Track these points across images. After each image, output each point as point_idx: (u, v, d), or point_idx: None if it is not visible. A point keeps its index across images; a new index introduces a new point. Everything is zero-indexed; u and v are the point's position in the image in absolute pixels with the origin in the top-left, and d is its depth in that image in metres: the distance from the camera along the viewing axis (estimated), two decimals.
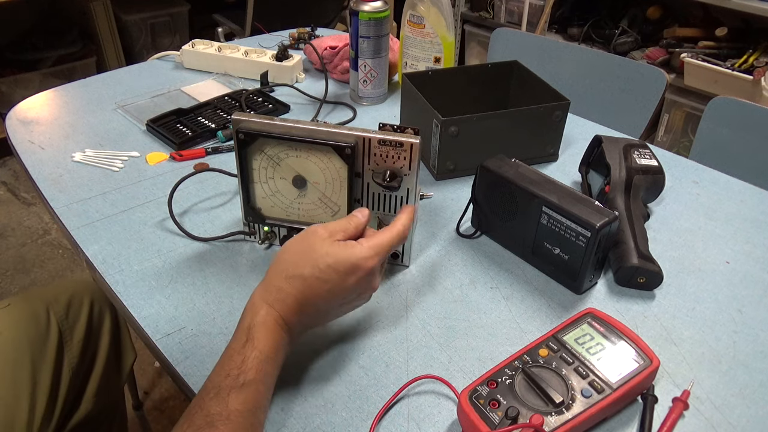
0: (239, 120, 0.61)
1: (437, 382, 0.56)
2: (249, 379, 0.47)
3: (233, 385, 0.46)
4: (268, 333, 0.49)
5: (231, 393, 0.45)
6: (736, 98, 1.07)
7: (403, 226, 0.57)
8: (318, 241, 0.52)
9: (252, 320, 0.50)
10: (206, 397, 0.46)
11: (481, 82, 0.96)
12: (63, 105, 1.02)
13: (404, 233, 0.57)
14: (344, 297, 0.53)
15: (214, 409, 0.45)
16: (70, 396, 0.79)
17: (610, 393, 0.50)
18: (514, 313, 0.63)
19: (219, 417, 0.44)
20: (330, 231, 0.54)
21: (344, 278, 0.51)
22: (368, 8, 0.95)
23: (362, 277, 0.52)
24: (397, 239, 0.56)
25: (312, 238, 0.53)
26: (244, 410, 0.45)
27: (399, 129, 0.61)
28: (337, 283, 0.51)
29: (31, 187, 0.93)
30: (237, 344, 0.49)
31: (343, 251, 0.52)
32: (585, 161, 0.85)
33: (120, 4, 2.49)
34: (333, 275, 0.51)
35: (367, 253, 0.52)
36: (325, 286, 0.51)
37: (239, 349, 0.48)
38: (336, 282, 0.51)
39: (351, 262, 0.51)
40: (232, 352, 0.48)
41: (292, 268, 0.52)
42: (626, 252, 0.66)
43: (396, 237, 0.56)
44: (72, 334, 0.82)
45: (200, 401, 0.46)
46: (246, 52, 1.14)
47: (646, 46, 2.23)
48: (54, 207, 0.76)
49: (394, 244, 0.55)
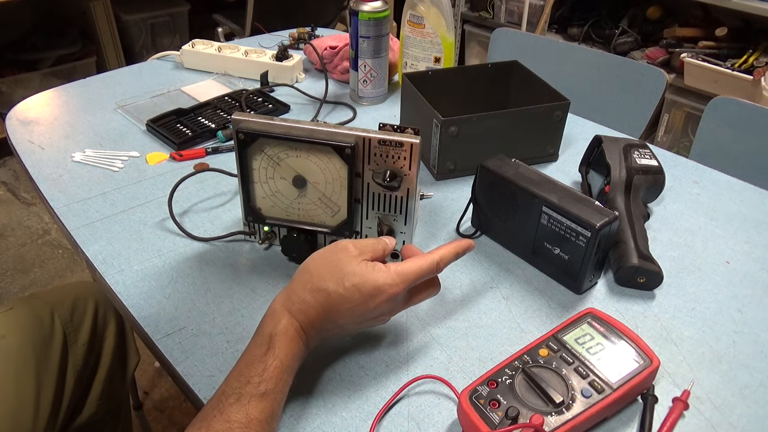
0: (239, 120, 0.61)
1: (437, 382, 0.56)
2: (269, 388, 0.47)
3: (254, 393, 0.46)
4: (289, 342, 0.50)
5: (252, 401, 0.46)
6: (736, 98, 1.07)
7: (440, 257, 0.54)
8: (346, 258, 0.52)
9: (274, 328, 0.50)
10: (226, 402, 0.46)
11: (481, 82, 0.96)
12: (63, 105, 1.02)
13: (438, 265, 0.54)
14: (363, 316, 0.53)
15: (235, 416, 0.45)
16: (74, 399, 0.79)
17: (610, 393, 0.50)
18: (514, 313, 0.63)
19: (239, 424, 0.45)
20: (360, 249, 0.53)
21: (367, 300, 0.51)
22: (368, 8, 0.95)
23: (384, 301, 0.52)
24: (427, 270, 0.54)
25: (341, 254, 0.53)
26: (263, 419, 0.46)
27: (399, 129, 0.61)
28: (359, 303, 0.51)
29: (31, 187, 0.93)
30: (258, 351, 0.49)
31: (371, 273, 0.51)
32: (585, 161, 0.85)
33: (120, 4, 2.49)
34: (356, 295, 0.51)
35: (393, 280, 0.52)
36: (347, 304, 0.51)
37: (261, 356, 0.48)
38: (358, 302, 0.51)
39: (376, 286, 0.51)
40: (253, 358, 0.48)
41: (317, 281, 0.52)
42: (626, 252, 0.66)
43: (427, 268, 0.54)
44: (76, 336, 0.82)
45: (219, 405, 0.46)
46: (246, 52, 1.14)
47: (646, 46, 2.23)
48: (54, 207, 0.76)
49: (423, 274, 0.54)
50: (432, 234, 0.75)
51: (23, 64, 2.34)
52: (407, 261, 0.54)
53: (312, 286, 0.51)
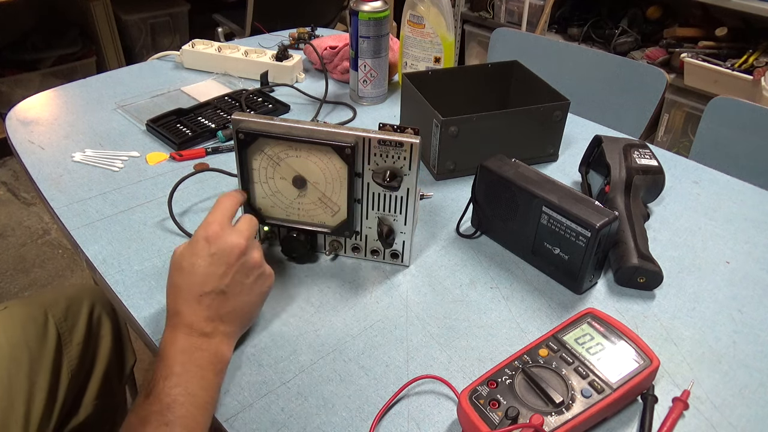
0: (239, 120, 0.61)
1: (437, 382, 0.56)
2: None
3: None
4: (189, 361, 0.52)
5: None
6: (736, 98, 1.07)
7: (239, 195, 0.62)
8: (192, 251, 0.55)
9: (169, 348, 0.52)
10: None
11: (481, 82, 0.96)
12: (63, 105, 1.02)
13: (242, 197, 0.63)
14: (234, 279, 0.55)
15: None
16: (70, 398, 0.79)
17: (610, 393, 0.50)
18: (514, 313, 0.63)
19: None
20: (185, 245, 0.57)
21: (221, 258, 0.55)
22: (368, 8, 0.95)
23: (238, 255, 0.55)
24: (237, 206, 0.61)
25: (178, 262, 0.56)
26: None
27: (399, 129, 0.61)
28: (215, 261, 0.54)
29: (31, 187, 0.93)
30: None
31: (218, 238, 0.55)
32: (585, 161, 0.85)
33: (120, 4, 2.48)
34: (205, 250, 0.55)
35: (238, 235, 0.56)
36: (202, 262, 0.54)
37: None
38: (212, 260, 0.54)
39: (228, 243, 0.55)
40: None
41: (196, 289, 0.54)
42: (626, 252, 0.66)
43: (237, 204, 0.60)
44: (71, 336, 0.82)
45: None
46: (246, 52, 1.14)
47: (646, 46, 2.23)
48: (54, 207, 0.76)
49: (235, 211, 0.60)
50: (432, 234, 0.75)
51: (23, 64, 2.34)
52: (237, 224, 0.58)
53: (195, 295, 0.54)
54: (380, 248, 0.68)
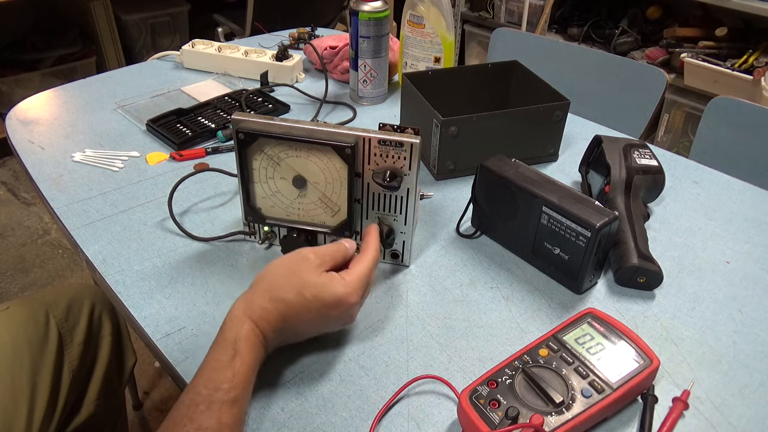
0: (239, 120, 0.61)
1: (437, 382, 0.56)
2: (239, 394, 0.48)
3: (225, 399, 0.47)
4: (253, 348, 0.50)
5: (223, 407, 0.46)
6: (736, 98, 1.07)
7: (374, 251, 0.58)
8: (306, 269, 0.54)
9: (237, 334, 0.50)
10: (196, 410, 0.46)
11: (481, 82, 0.96)
12: (63, 105, 1.02)
13: (377, 256, 0.59)
14: (324, 324, 0.56)
15: (206, 423, 0.45)
16: (71, 398, 0.79)
17: (610, 393, 0.50)
18: (514, 313, 0.63)
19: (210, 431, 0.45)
20: (321, 259, 0.55)
21: (328, 310, 0.53)
22: (368, 8, 0.95)
23: (344, 310, 0.54)
24: (373, 265, 0.57)
25: (302, 265, 0.54)
26: (233, 424, 0.47)
27: (399, 129, 0.61)
28: (320, 312, 0.53)
29: (31, 187, 0.93)
30: (224, 357, 0.49)
31: (329, 284, 0.53)
32: (585, 161, 0.85)
33: (120, 4, 2.49)
34: (316, 304, 0.53)
35: (350, 288, 0.54)
36: (307, 314, 0.53)
37: (227, 362, 0.49)
38: (319, 311, 0.53)
39: (335, 297, 0.53)
40: (219, 364, 0.49)
41: (276, 291, 0.53)
42: (626, 252, 0.66)
43: (372, 263, 0.57)
44: (72, 336, 0.82)
45: (189, 413, 0.46)
46: (246, 52, 1.14)
47: (646, 46, 2.23)
48: (54, 207, 0.77)
49: (372, 270, 0.57)
50: (432, 234, 0.75)
51: (23, 64, 2.34)
52: (355, 264, 0.56)
53: (271, 296, 0.53)
54: (380, 248, 0.68)
